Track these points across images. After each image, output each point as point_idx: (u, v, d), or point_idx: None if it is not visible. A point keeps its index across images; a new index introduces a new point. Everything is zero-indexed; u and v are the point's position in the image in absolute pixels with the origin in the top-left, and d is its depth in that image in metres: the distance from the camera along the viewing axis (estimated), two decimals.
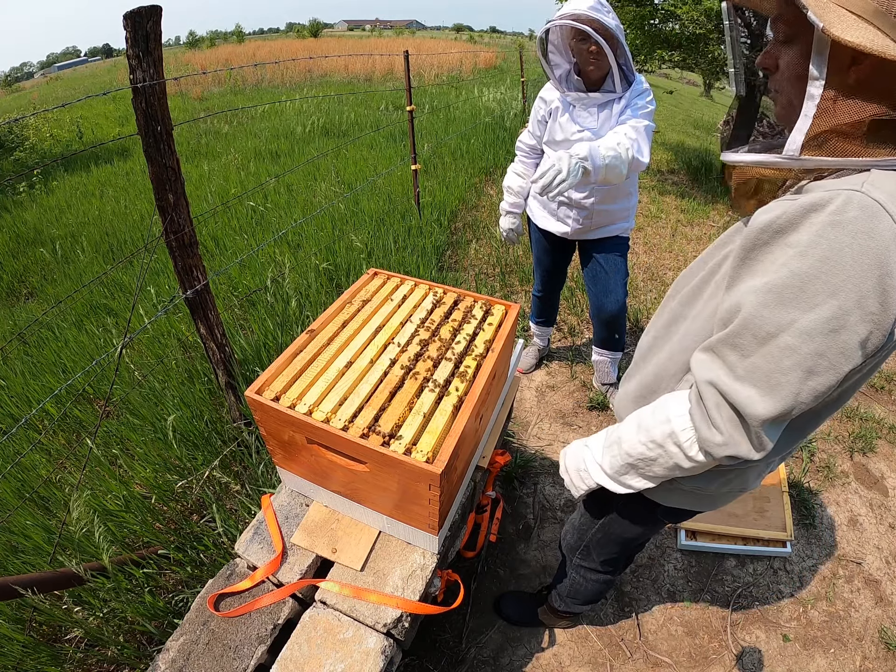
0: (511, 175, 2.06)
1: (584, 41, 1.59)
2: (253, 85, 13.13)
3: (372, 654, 0.95)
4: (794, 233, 0.58)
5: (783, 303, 0.58)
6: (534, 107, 1.89)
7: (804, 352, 0.57)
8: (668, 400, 0.75)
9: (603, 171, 1.43)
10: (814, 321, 0.56)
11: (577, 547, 1.19)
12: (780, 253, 0.59)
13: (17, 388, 2.25)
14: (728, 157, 0.70)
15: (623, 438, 0.79)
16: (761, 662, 1.48)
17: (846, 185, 0.56)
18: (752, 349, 0.61)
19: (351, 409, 0.96)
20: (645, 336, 0.95)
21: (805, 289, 0.56)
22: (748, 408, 0.61)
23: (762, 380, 0.60)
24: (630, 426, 0.79)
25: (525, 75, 8.56)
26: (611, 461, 0.82)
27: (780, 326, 0.58)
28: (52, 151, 7.55)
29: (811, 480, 1.99)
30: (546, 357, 2.64)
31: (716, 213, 4.52)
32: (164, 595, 1.44)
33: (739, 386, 0.61)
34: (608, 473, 0.84)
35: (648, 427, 0.74)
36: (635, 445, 0.76)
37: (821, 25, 0.53)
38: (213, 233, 3.67)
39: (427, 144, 5.54)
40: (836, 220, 0.54)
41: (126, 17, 1.21)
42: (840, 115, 0.57)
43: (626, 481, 0.82)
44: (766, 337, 0.59)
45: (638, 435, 0.76)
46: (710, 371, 0.65)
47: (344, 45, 21.16)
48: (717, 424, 0.64)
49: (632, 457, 0.77)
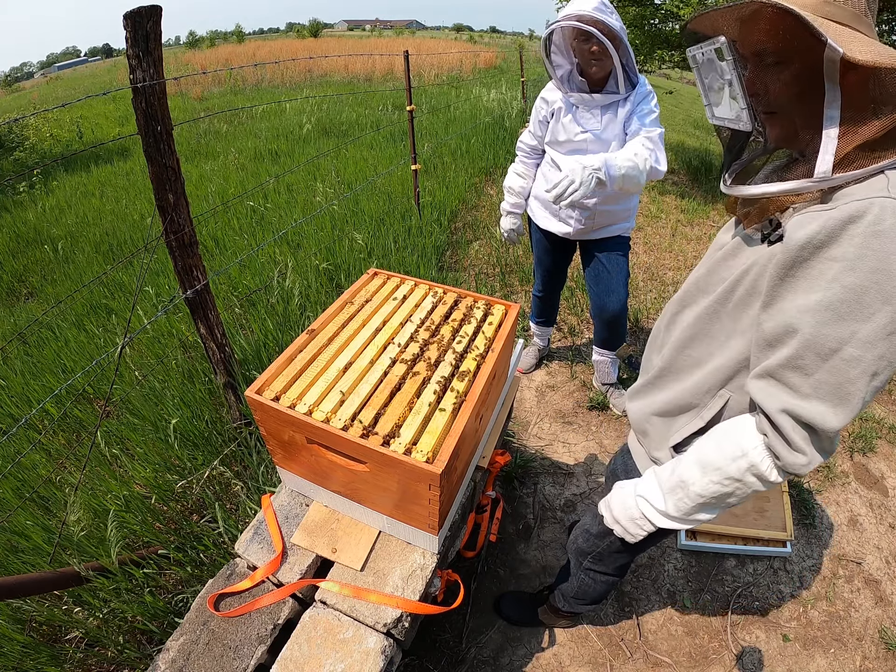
0: (512, 175, 2.06)
1: (587, 42, 1.58)
2: (253, 85, 13.14)
3: (372, 653, 0.95)
4: (835, 247, 0.59)
5: (842, 318, 0.59)
6: (535, 107, 1.89)
7: (868, 359, 0.59)
8: (733, 433, 0.74)
9: (619, 182, 1.46)
10: (874, 329, 0.58)
11: (590, 552, 1.18)
12: (825, 268, 0.60)
13: (17, 388, 2.25)
14: (750, 190, 0.70)
15: (689, 481, 0.78)
16: (761, 662, 1.48)
17: (873, 192, 0.58)
18: (815, 367, 0.62)
19: (351, 409, 0.96)
20: (655, 351, 0.95)
21: (861, 301, 0.58)
22: (822, 423, 0.63)
23: (831, 393, 0.62)
24: (693, 469, 0.77)
25: (525, 75, 8.57)
26: (677, 505, 0.81)
27: (842, 340, 0.60)
28: (52, 151, 7.55)
29: (811, 480, 1.99)
30: (546, 357, 2.64)
31: (716, 213, 4.52)
32: (165, 595, 1.44)
33: (808, 404, 0.63)
34: (675, 517, 0.83)
35: (719, 466, 0.74)
36: (707, 486, 0.76)
37: (841, 52, 0.54)
38: (213, 233, 3.67)
39: (427, 144, 5.54)
40: (877, 230, 0.56)
41: (126, 17, 1.21)
42: (863, 131, 0.59)
43: (696, 518, 0.82)
44: (829, 353, 0.61)
45: (709, 476, 0.75)
46: (776, 399, 0.66)
47: (344, 45, 21.16)
48: (799, 448, 0.66)
49: (704, 497, 0.77)
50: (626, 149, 1.59)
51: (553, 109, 1.80)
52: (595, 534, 1.16)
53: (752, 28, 0.65)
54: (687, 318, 0.85)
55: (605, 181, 1.41)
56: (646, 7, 5.35)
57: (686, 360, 0.86)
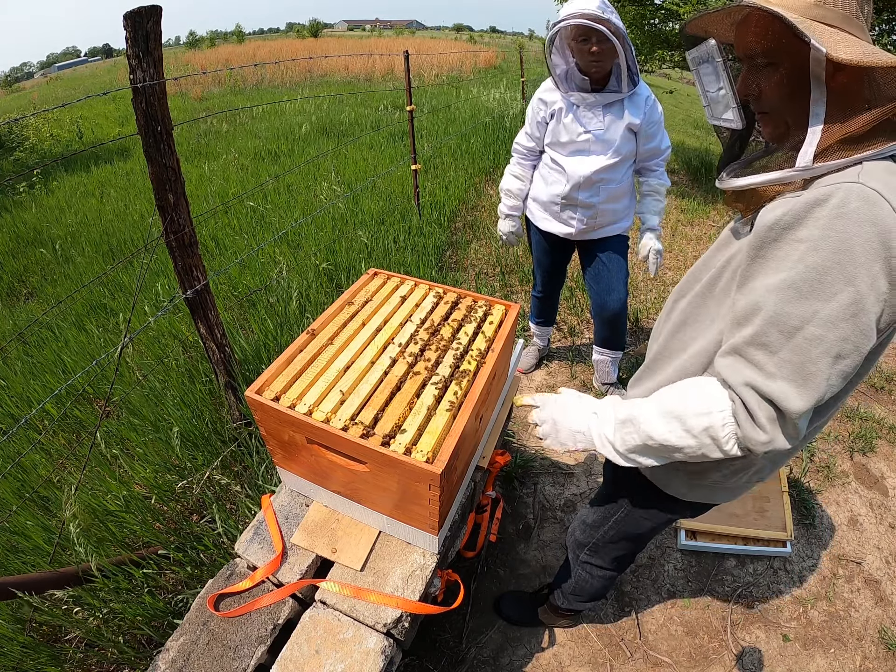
0: (509, 178, 2.04)
1: (586, 41, 1.58)
2: (253, 85, 13.14)
3: (372, 654, 0.95)
4: (801, 228, 0.61)
5: (804, 296, 0.60)
6: (531, 108, 1.87)
7: (831, 339, 0.60)
8: (705, 389, 0.72)
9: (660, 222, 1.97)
10: (835, 309, 0.59)
11: (586, 544, 1.19)
12: (791, 249, 0.62)
13: (17, 388, 2.25)
14: (737, 182, 0.74)
15: (642, 420, 0.76)
16: (761, 662, 1.48)
17: (843, 178, 0.60)
18: (779, 345, 0.63)
19: (351, 409, 0.96)
20: (655, 339, 0.95)
21: (823, 280, 0.59)
22: (785, 402, 0.62)
23: (795, 373, 0.62)
24: (651, 410, 0.76)
25: (525, 75, 8.57)
26: (624, 439, 0.79)
27: (805, 319, 0.61)
28: (52, 151, 7.55)
29: (811, 480, 1.99)
30: (546, 357, 2.64)
31: (716, 213, 4.52)
32: (164, 595, 1.44)
33: (773, 383, 0.63)
34: (618, 450, 0.81)
35: (680, 416, 0.72)
36: (661, 432, 0.74)
37: (824, 51, 0.58)
38: (213, 233, 3.67)
39: (427, 144, 5.54)
40: (841, 212, 0.58)
41: (126, 17, 1.21)
42: (847, 126, 0.63)
43: (637, 459, 0.80)
44: (792, 331, 0.62)
45: (666, 423, 0.73)
46: (741, 374, 0.66)
47: (344, 45, 21.16)
48: (760, 424, 0.65)
49: (653, 440, 0.75)
50: (654, 200, 1.95)
51: (553, 110, 1.79)
52: (590, 524, 1.16)
53: (744, 31, 0.68)
54: (681, 305, 0.88)
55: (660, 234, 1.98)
56: (646, 7, 5.35)
57: (676, 345, 0.87)
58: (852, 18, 0.63)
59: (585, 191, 1.82)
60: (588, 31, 1.55)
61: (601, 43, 1.56)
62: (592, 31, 1.54)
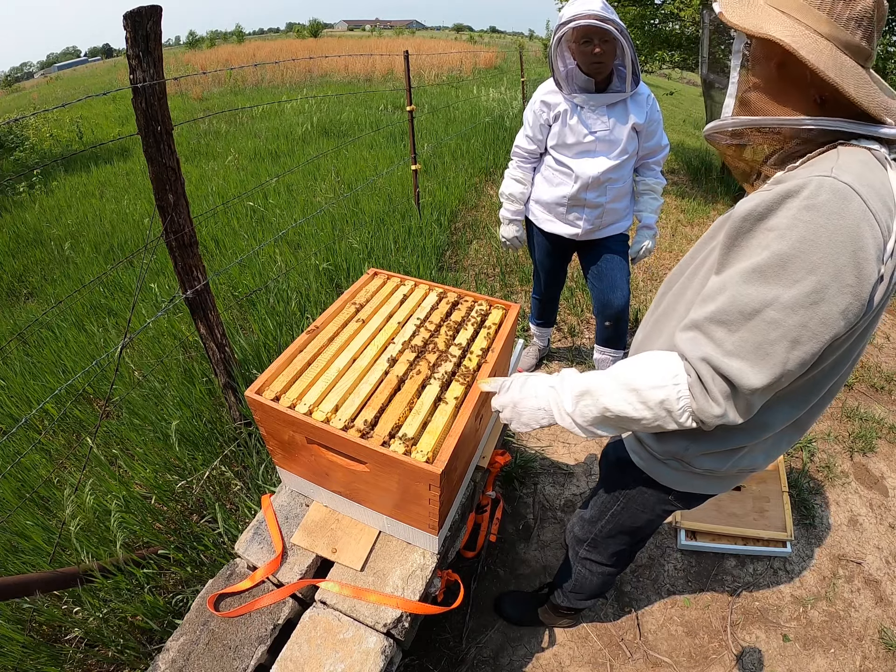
0: (510, 182, 2.02)
1: (588, 43, 1.57)
2: (253, 85, 13.13)
3: (372, 654, 0.95)
4: (772, 218, 0.63)
5: (766, 281, 0.62)
6: (531, 111, 1.85)
7: (788, 324, 0.62)
8: (663, 362, 0.72)
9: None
10: (795, 296, 0.61)
11: (585, 539, 1.19)
12: (762, 237, 0.64)
13: (17, 388, 2.25)
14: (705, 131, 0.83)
15: (599, 391, 0.77)
16: (761, 662, 1.48)
17: (817, 171, 0.62)
18: (738, 325, 0.65)
19: (351, 409, 0.96)
20: (641, 329, 0.97)
21: (786, 267, 0.61)
22: (741, 379, 0.64)
23: (751, 352, 0.64)
24: (608, 383, 0.76)
25: (525, 75, 8.56)
26: (583, 412, 0.79)
27: (765, 302, 0.62)
28: (52, 151, 7.54)
29: (811, 480, 1.99)
30: (546, 357, 2.64)
31: (716, 213, 4.52)
32: (164, 595, 1.44)
33: (730, 360, 0.65)
34: (578, 423, 0.81)
35: (637, 388, 0.72)
36: (618, 403, 0.74)
37: (718, 10, 0.70)
38: (213, 233, 3.67)
39: (427, 144, 5.54)
40: (811, 203, 0.60)
41: (126, 17, 1.21)
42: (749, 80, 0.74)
43: (595, 431, 0.81)
44: (752, 313, 0.63)
45: (623, 394, 0.74)
46: (699, 348, 0.68)
47: (344, 45, 21.16)
48: (714, 397, 0.67)
49: (611, 412, 0.75)
50: (652, 200, 2.00)
51: (557, 113, 1.77)
52: (588, 519, 1.17)
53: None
54: (668, 298, 0.89)
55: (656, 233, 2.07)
56: (646, 7, 5.36)
57: (655, 334, 0.89)
58: (812, 10, 0.65)
59: (594, 191, 1.82)
60: (591, 32, 1.54)
61: (604, 43, 1.56)
62: (596, 31, 1.53)
